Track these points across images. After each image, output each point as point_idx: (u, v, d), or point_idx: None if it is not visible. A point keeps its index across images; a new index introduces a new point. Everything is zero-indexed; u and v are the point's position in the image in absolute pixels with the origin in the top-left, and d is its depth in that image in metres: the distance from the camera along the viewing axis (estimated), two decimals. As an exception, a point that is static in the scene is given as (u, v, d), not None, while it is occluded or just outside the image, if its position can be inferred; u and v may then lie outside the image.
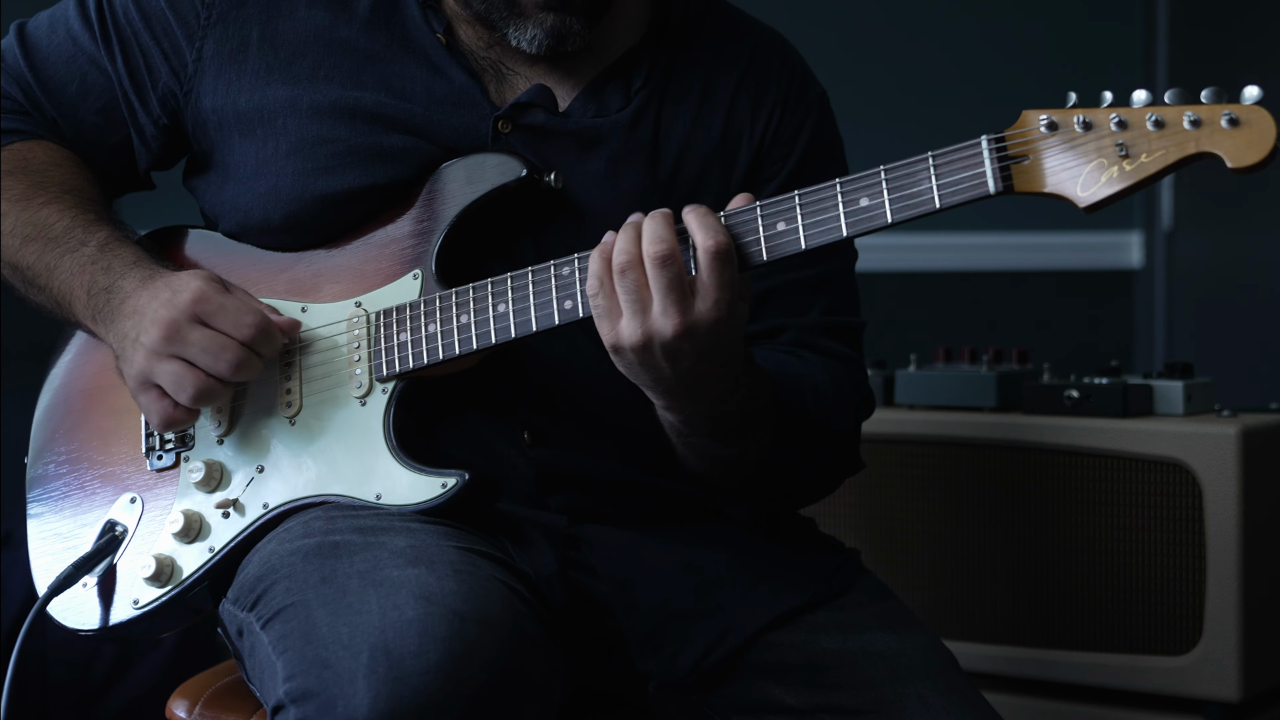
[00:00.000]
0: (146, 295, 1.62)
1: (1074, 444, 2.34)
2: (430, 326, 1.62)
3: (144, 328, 1.60)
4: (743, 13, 1.82)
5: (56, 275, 1.69)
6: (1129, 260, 3.97)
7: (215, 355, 1.58)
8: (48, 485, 1.76)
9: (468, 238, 1.65)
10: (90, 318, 1.67)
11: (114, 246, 1.69)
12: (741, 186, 1.72)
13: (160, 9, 1.73)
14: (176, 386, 1.60)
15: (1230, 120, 1.34)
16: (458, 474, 1.57)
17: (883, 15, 3.90)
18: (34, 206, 1.72)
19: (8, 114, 1.79)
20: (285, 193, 1.68)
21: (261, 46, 1.70)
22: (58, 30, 1.78)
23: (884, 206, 1.45)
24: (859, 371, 1.76)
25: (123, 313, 1.63)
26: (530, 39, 1.66)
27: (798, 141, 1.75)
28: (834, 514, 2.47)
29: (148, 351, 1.60)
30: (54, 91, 1.77)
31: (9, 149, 1.77)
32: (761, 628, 1.66)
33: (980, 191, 1.42)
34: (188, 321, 1.58)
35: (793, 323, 1.72)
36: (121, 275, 1.66)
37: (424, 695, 1.36)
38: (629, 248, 1.47)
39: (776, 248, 1.48)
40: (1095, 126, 1.39)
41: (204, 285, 1.60)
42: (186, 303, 1.59)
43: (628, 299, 1.47)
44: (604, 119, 1.70)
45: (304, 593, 1.49)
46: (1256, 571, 2.26)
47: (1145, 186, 1.39)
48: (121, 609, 1.67)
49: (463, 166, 1.65)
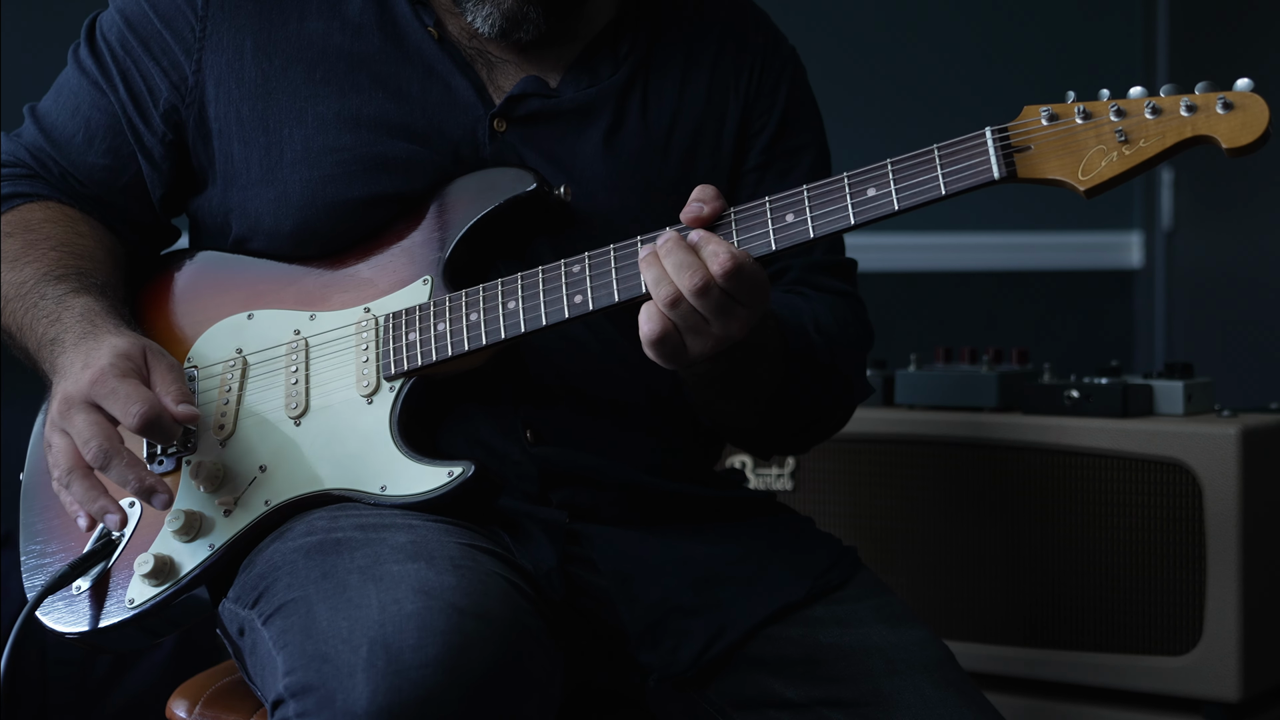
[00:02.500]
0: (73, 355, 1.62)
1: (1074, 444, 2.34)
2: (440, 325, 1.63)
3: (53, 392, 1.62)
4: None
5: (26, 332, 1.70)
6: (1129, 260, 3.97)
7: (85, 442, 1.57)
8: (43, 492, 1.76)
9: (477, 247, 1.67)
10: (46, 369, 1.68)
11: (69, 299, 1.68)
12: (734, 141, 1.79)
13: (155, 29, 1.74)
14: (55, 461, 1.60)
15: (1225, 105, 1.42)
16: (464, 464, 1.58)
17: (882, 17, 3.90)
18: (19, 266, 1.73)
19: (13, 180, 1.81)
20: (294, 201, 1.69)
21: (256, 55, 1.72)
22: (61, 95, 1.82)
23: (890, 194, 1.49)
24: (859, 304, 1.84)
25: (56, 368, 1.64)
26: (485, 17, 1.69)
27: (779, 93, 1.83)
28: (833, 513, 2.48)
29: (49, 419, 1.61)
30: (62, 146, 1.80)
31: (13, 212, 1.79)
32: (760, 622, 1.67)
33: (984, 178, 1.47)
34: (79, 402, 1.57)
35: (795, 263, 1.80)
36: (66, 328, 1.65)
37: (423, 689, 1.36)
38: (664, 281, 1.51)
39: (786, 238, 1.53)
40: (1095, 115, 1.46)
41: (109, 363, 1.57)
42: (86, 382, 1.57)
43: (686, 324, 1.52)
44: (596, 88, 1.74)
45: (304, 588, 1.49)
46: (1256, 571, 2.26)
47: (1143, 171, 1.45)
48: (115, 611, 1.67)
49: (474, 180, 1.68)
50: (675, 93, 1.77)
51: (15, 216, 1.78)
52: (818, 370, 1.73)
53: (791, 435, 1.80)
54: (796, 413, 1.75)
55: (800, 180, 1.72)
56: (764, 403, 1.70)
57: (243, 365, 1.70)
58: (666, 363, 1.55)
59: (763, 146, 1.81)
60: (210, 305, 1.75)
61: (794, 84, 1.85)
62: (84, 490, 1.59)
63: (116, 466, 1.56)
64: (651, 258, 1.52)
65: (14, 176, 1.81)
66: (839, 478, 2.47)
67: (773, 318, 1.66)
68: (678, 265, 1.51)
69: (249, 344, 1.71)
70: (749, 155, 1.80)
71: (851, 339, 1.79)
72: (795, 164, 1.82)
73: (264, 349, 1.70)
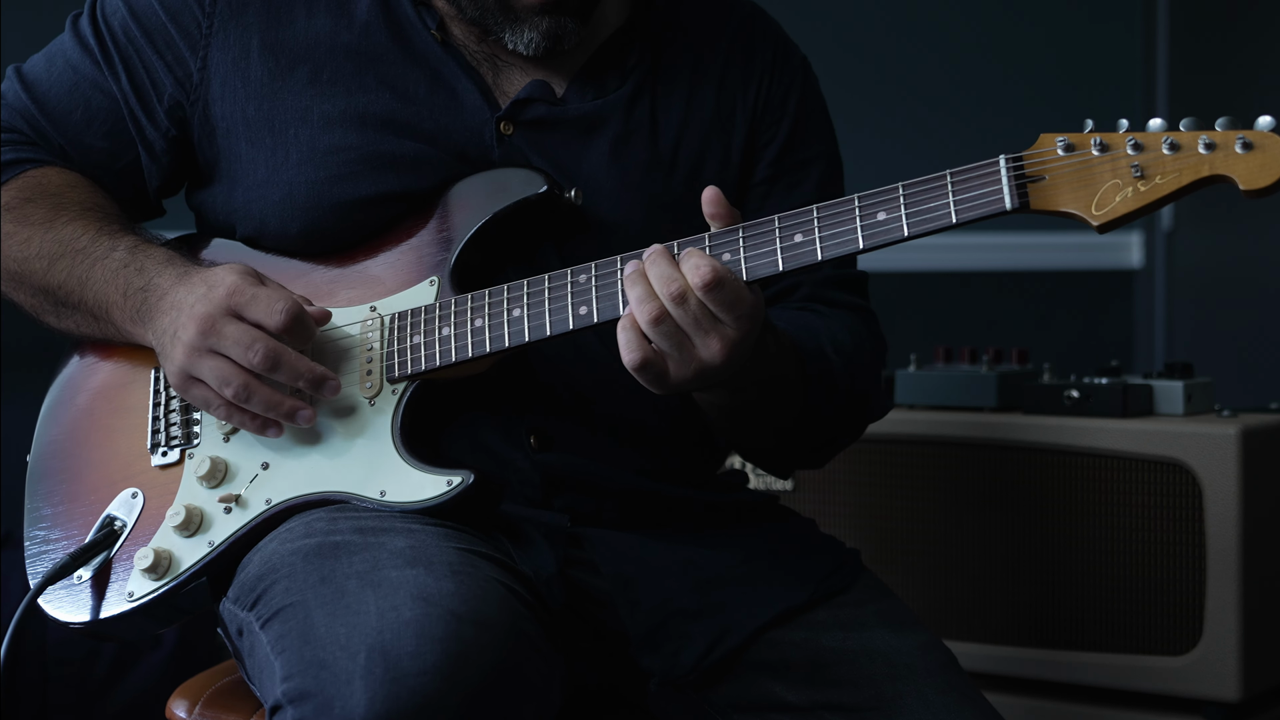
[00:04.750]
0: (184, 290, 1.62)
1: (1074, 444, 2.34)
2: (444, 329, 1.62)
3: (181, 323, 1.60)
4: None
5: (90, 286, 1.70)
6: (1129, 260, 3.97)
7: (247, 348, 1.57)
8: (49, 479, 1.76)
9: (485, 249, 1.66)
10: (129, 319, 1.67)
11: (143, 249, 1.69)
12: (741, 154, 1.77)
13: (161, 22, 1.73)
14: (220, 382, 1.60)
15: (1244, 144, 1.38)
16: (463, 473, 1.58)
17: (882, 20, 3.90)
18: (58, 226, 1.72)
19: (16, 145, 1.80)
20: (300, 201, 1.69)
21: (263, 54, 1.71)
22: (55, 63, 1.79)
23: (901, 221, 1.47)
24: (873, 319, 1.82)
25: (160, 309, 1.63)
26: (527, 42, 1.68)
27: (788, 104, 1.80)
28: (834, 514, 2.48)
29: (186, 347, 1.60)
30: (59, 120, 1.78)
31: (25, 176, 1.77)
32: (762, 625, 1.66)
33: (996, 208, 1.45)
34: (222, 315, 1.58)
35: (805, 279, 1.77)
36: (156, 274, 1.66)
37: (421, 696, 1.36)
38: (647, 297, 1.49)
39: (794, 258, 1.51)
40: (1111, 148, 1.42)
41: (238, 279, 1.60)
42: (221, 297, 1.59)
43: (669, 344, 1.49)
44: (603, 100, 1.73)
45: (303, 593, 1.49)
46: (1256, 571, 2.26)
47: (1158, 208, 1.42)
48: (115, 602, 1.67)
49: (484, 180, 1.67)
50: (682, 105, 1.76)
51: (29, 181, 1.77)
52: (837, 392, 1.71)
53: (809, 453, 1.79)
54: (815, 433, 1.74)
55: (809, 192, 1.71)
56: (785, 426, 1.70)
57: None
58: (654, 387, 1.53)
59: (771, 159, 1.79)
60: None
61: (804, 95, 1.82)
62: (268, 396, 1.60)
63: (286, 363, 1.58)
64: (637, 275, 1.51)
65: (14, 143, 1.80)
66: (839, 478, 2.47)
67: (791, 345, 1.65)
68: (660, 276, 1.49)
69: None
70: (757, 168, 1.79)
71: (868, 356, 1.78)
72: (804, 177, 1.80)
73: None
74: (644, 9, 1.78)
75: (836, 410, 1.73)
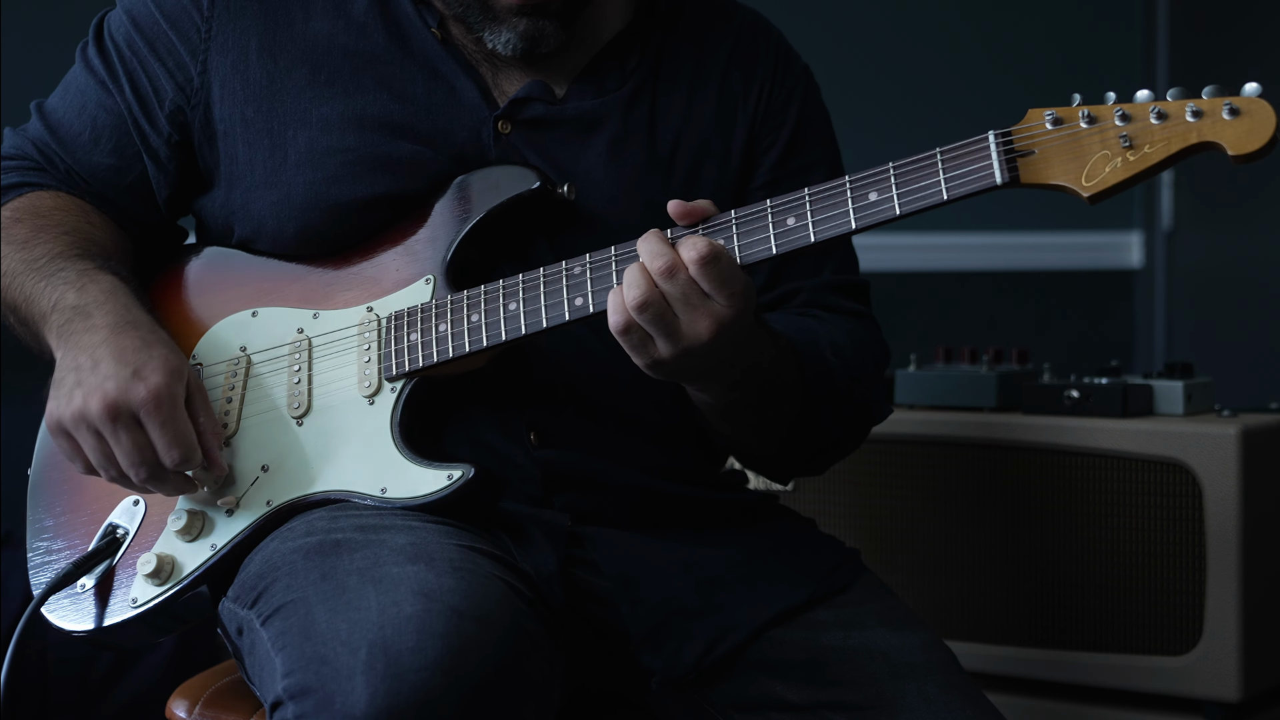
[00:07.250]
0: (112, 349, 1.59)
1: (1074, 444, 2.34)
2: (441, 326, 1.62)
3: (88, 388, 1.58)
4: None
5: (34, 301, 1.68)
6: (1129, 260, 3.97)
7: (134, 464, 1.58)
8: (50, 490, 1.76)
9: (480, 246, 1.67)
10: (52, 331, 1.65)
11: (93, 273, 1.67)
12: (740, 160, 1.77)
13: (162, 30, 1.74)
14: (97, 462, 1.60)
15: (1231, 110, 1.38)
16: (464, 467, 1.58)
17: (882, 20, 3.90)
18: (32, 245, 1.72)
19: (22, 170, 1.81)
20: (297, 203, 1.69)
21: (261, 56, 1.71)
22: (68, 92, 1.81)
23: (892, 200, 1.48)
24: (874, 325, 1.81)
25: (79, 344, 1.61)
26: (505, 42, 1.68)
27: (789, 111, 1.80)
28: (834, 514, 2.47)
29: (78, 414, 1.58)
30: (68, 143, 1.79)
31: (22, 198, 1.78)
32: (763, 624, 1.67)
33: (987, 183, 1.45)
34: (127, 414, 1.57)
35: (805, 285, 1.77)
36: (95, 302, 1.64)
37: (421, 692, 1.36)
38: (639, 280, 1.49)
39: (787, 242, 1.51)
40: (1099, 120, 1.43)
41: (165, 386, 1.58)
42: (140, 398, 1.57)
43: (655, 326, 1.49)
44: (602, 100, 1.73)
45: (304, 590, 1.49)
46: (1256, 571, 2.26)
47: (1148, 177, 1.42)
48: (119, 610, 1.67)
49: (477, 178, 1.67)
50: (682, 107, 1.76)
51: (23, 203, 1.77)
52: (836, 396, 1.71)
53: (809, 459, 1.79)
54: (814, 438, 1.74)
55: None
56: (783, 431, 1.70)
57: (246, 364, 1.70)
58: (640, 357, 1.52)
59: (771, 164, 1.79)
60: (216, 301, 1.75)
61: (805, 103, 1.82)
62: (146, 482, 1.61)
63: (166, 481, 1.61)
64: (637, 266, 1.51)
65: (20, 168, 1.81)
66: (839, 478, 2.47)
67: (789, 348, 1.65)
68: (650, 252, 1.49)
69: (253, 342, 1.71)
70: (756, 173, 1.79)
71: (869, 361, 1.77)
72: (803, 183, 1.79)
73: (268, 348, 1.70)
74: (647, 12, 1.78)
75: (836, 414, 1.72)
